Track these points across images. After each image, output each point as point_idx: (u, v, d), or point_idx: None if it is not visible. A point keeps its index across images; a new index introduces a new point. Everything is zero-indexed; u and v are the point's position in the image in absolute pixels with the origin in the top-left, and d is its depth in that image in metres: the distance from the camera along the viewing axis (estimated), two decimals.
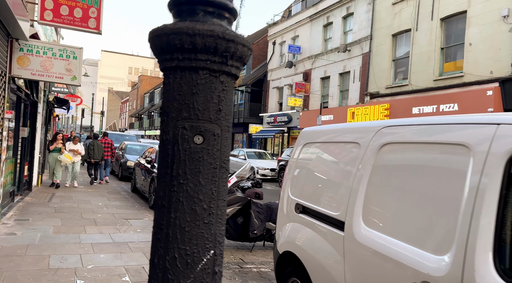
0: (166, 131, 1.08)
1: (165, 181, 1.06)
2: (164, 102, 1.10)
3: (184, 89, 1.04)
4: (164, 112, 1.10)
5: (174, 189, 1.04)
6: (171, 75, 1.06)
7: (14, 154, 7.76)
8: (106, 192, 11.01)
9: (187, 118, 1.04)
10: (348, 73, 18.70)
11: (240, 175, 5.91)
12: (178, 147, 1.04)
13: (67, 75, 6.20)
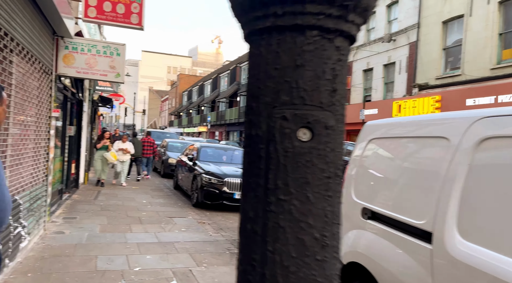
0: (255, 124, 0.75)
1: (256, 196, 0.72)
2: (251, 82, 0.77)
3: (284, 60, 0.70)
4: (252, 96, 0.76)
5: (270, 208, 0.70)
6: (263, 42, 0.73)
7: (62, 153, 7.89)
8: (149, 189, 11.08)
9: (288, 103, 0.70)
10: (393, 65, 17.72)
11: None
12: (275, 146, 0.71)
13: (111, 72, 6.13)
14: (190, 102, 55.47)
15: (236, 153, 10.73)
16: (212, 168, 8.95)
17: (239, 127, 35.80)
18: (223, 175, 8.53)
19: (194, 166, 9.51)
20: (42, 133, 5.18)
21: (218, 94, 43.08)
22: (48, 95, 5.37)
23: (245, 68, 36.68)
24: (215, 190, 8.36)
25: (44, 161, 5.41)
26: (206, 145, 11.11)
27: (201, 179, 8.55)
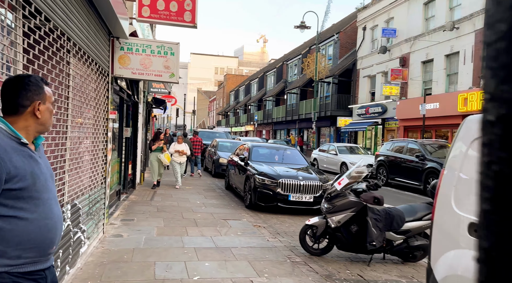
0: None
1: None
2: None
3: None
4: None
5: None
6: None
7: (119, 154, 8.00)
8: (202, 189, 11.04)
9: None
10: (456, 55, 16.31)
11: (353, 175, 5.06)
12: None
13: (166, 72, 6.01)
14: (237, 101, 55.91)
15: (288, 153, 10.34)
16: (265, 168, 8.65)
17: (286, 125, 35.33)
18: (276, 176, 8.18)
19: (246, 166, 9.27)
20: (99, 136, 5.15)
21: (265, 92, 42.90)
22: (105, 97, 5.34)
23: (292, 66, 36.11)
24: (269, 191, 8.03)
25: (102, 163, 5.39)
26: (257, 144, 10.84)
27: (254, 180, 8.27)
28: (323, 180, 8.32)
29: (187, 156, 11.35)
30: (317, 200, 8.05)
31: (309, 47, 32.24)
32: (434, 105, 16.47)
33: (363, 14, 23.76)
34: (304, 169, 9.11)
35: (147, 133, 14.83)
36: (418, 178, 11.72)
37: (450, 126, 16.40)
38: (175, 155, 10.68)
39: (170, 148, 10.76)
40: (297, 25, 22.58)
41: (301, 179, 8.09)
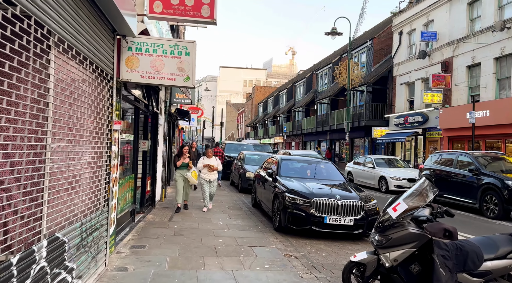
0: None
1: None
2: None
3: None
4: None
5: None
6: None
7: (134, 169, 7.23)
8: (227, 207, 10.11)
9: None
10: (508, 57, 14.67)
11: (412, 198, 3.94)
12: None
13: (180, 75, 5.18)
14: (266, 113, 55.19)
15: (321, 166, 9.24)
16: (296, 185, 7.60)
17: (316, 136, 34.05)
18: (310, 194, 7.11)
19: (274, 182, 8.26)
20: (100, 150, 4.35)
21: (294, 103, 41.87)
22: (108, 104, 4.55)
23: (322, 75, 34.97)
24: (301, 212, 6.97)
25: (104, 183, 4.57)
26: (287, 157, 9.81)
27: (284, 199, 7.24)
28: (365, 199, 7.16)
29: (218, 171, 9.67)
30: (358, 223, 6.90)
31: (340, 56, 31.04)
32: (484, 113, 14.82)
33: (399, 18, 22.40)
34: (341, 186, 7.98)
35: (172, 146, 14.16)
36: (473, 195, 10.23)
37: (503, 136, 14.66)
38: (203, 171, 9.16)
39: (198, 163, 9.29)
40: (328, 32, 21.56)
41: (339, 198, 6.98)
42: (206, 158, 9.34)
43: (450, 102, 17.76)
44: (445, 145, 17.83)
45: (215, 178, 9.34)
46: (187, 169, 8.94)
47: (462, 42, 16.96)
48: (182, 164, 8.95)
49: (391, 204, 4.07)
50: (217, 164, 9.33)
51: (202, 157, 9.56)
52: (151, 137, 9.09)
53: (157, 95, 9.18)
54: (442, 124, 17.60)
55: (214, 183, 9.34)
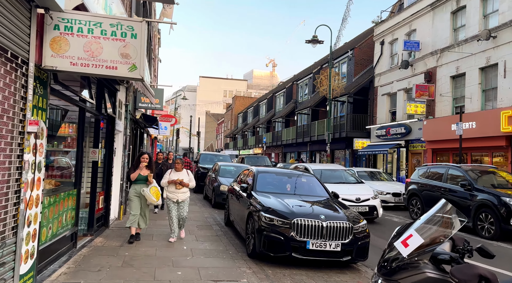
0: None
1: None
2: None
3: None
4: None
5: None
6: None
7: (77, 183, 5.94)
8: (195, 225, 8.87)
9: None
10: (494, 67, 14.21)
11: (429, 228, 2.89)
12: None
13: (124, 63, 4.03)
14: (245, 124, 54.21)
15: (303, 180, 8.16)
16: (273, 203, 6.49)
17: (296, 148, 33.20)
18: (289, 214, 6.01)
19: (249, 198, 7.12)
20: (1, 160, 3.11)
21: (274, 114, 41.08)
22: (17, 96, 3.34)
23: (302, 86, 34.37)
24: (280, 235, 5.84)
25: (12, 205, 3.32)
26: (264, 169, 8.68)
27: (259, 219, 6.11)
28: (353, 220, 6.12)
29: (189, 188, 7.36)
30: (346, 249, 5.83)
31: (321, 66, 30.51)
32: (470, 125, 14.23)
33: (380, 27, 21.99)
34: (325, 203, 6.92)
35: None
36: (466, 212, 9.37)
37: (490, 149, 14.09)
38: (170, 189, 7.12)
39: (163, 178, 7.18)
40: (309, 40, 20.83)
41: (324, 219, 5.90)
42: (174, 172, 7.28)
43: (433, 114, 17.21)
44: (428, 157, 17.20)
45: (185, 198, 7.21)
46: (145, 184, 6.86)
47: (446, 51, 16.51)
48: (138, 177, 6.87)
49: (399, 236, 3.00)
50: (188, 179, 7.27)
51: (169, 171, 7.37)
52: (106, 146, 7.81)
53: (114, 96, 7.94)
54: (426, 136, 16.99)
55: (185, 204, 7.21)
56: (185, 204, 7.26)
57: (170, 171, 7.35)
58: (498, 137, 13.18)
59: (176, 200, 7.15)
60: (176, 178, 7.15)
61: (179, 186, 7.12)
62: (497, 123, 13.02)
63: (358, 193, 10.76)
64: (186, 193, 7.25)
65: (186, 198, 7.25)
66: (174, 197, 7.15)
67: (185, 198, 7.23)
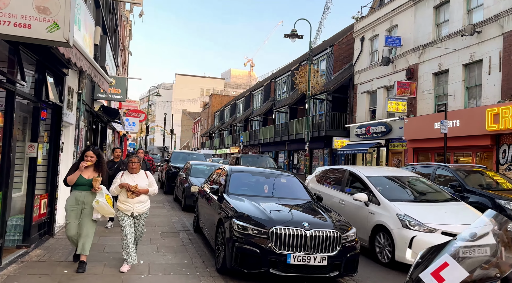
0: None
1: None
2: None
3: None
4: None
5: None
6: None
7: (2, 184, 4.73)
8: (159, 232, 7.76)
9: None
10: (478, 63, 13.76)
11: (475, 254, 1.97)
12: None
13: (41, 20, 2.92)
14: (222, 122, 53.00)
15: (282, 181, 7.21)
16: (247, 207, 5.50)
17: (274, 147, 32.38)
18: (267, 221, 5.03)
19: (220, 202, 6.09)
20: None
21: (252, 112, 40.13)
22: None
23: (280, 84, 33.57)
24: (255, 248, 4.85)
25: None
26: (239, 168, 7.65)
27: (231, 227, 5.10)
28: (341, 227, 5.20)
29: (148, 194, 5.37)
30: (334, 262, 4.91)
31: (300, 63, 29.78)
32: (453, 123, 13.73)
33: (361, 23, 21.41)
34: (308, 207, 5.98)
35: None
36: None
37: (474, 148, 13.62)
38: (122, 198, 5.17)
39: (113, 183, 5.22)
40: (287, 34, 19.98)
41: (307, 227, 4.96)
42: (128, 174, 5.29)
43: (415, 112, 16.70)
44: (409, 157, 16.68)
45: (143, 210, 5.27)
46: (89, 191, 4.95)
47: (429, 47, 16.01)
48: (78, 181, 4.96)
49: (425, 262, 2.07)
50: (147, 183, 5.30)
51: (121, 173, 5.37)
52: (51, 141, 6.59)
53: (61, 82, 6.72)
54: (407, 135, 16.46)
55: (142, 219, 5.36)
56: (142, 220, 5.38)
57: (122, 173, 5.36)
58: (483, 136, 12.71)
59: (131, 213, 5.17)
60: (130, 182, 5.16)
61: (131, 194, 5.08)
62: (482, 122, 12.54)
63: (465, 221, 5.98)
64: (145, 203, 5.29)
65: (144, 210, 5.30)
66: (127, 209, 5.13)
67: (143, 211, 5.27)
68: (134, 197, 5.15)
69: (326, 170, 9.42)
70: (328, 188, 8.65)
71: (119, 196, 5.25)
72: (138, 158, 5.44)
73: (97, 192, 4.92)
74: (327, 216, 5.47)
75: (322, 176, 9.33)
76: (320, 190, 8.60)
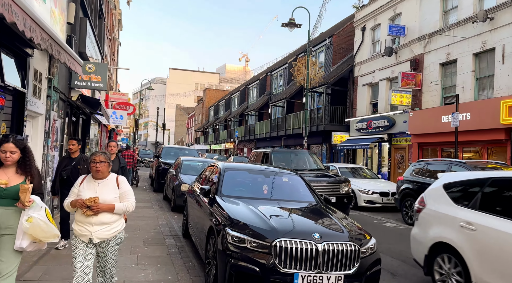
0: None
1: None
2: None
3: None
4: None
5: None
6: None
7: None
8: (143, 238, 6.79)
9: None
10: (490, 52, 12.86)
11: None
12: None
13: None
14: (217, 117, 51.94)
15: (284, 180, 6.24)
16: (244, 213, 4.54)
17: (270, 142, 31.44)
18: (269, 231, 4.07)
19: (211, 206, 5.12)
20: None
21: (247, 107, 39.11)
22: None
23: (277, 77, 32.58)
24: (254, 265, 3.88)
25: None
26: (233, 165, 6.63)
27: (224, 238, 4.14)
28: (358, 237, 4.25)
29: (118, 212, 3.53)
30: (352, 281, 3.97)
31: (296, 56, 28.78)
32: (464, 116, 12.85)
33: (362, 12, 20.42)
34: (317, 212, 5.02)
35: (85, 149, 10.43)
36: None
37: (486, 143, 12.76)
38: (78, 217, 3.42)
39: (70, 195, 3.51)
40: (285, 23, 18.95)
41: (319, 239, 4.00)
42: (91, 179, 3.52)
43: (420, 105, 15.80)
44: (414, 152, 15.80)
45: (108, 236, 3.44)
46: (13, 206, 3.11)
47: (435, 36, 15.09)
48: None
49: None
50: (115, 196, 3.49)
51: (81, 177, 3.57)
52: (11, 132, 5.56)
53: (23, 63, 5.68)
54: (411, 129, 15.58)
55: (111, 249, 3.51)
56: (111, 249, 3.51)
57: (82, 177, 3.55)
58: (496, 130, 11.84)
59: (89, 240, 3.37)
60: (91, 191, 3.41)
61: (88, 211, 3.30)
62: (496, 115, 11.67)
63: None
64: (112, 226, 3.44)
65: (110, 235, 3.43)
66: (83, 233, 3.36)
67: (107, 236, 3.42)
68: (90, 214, 3.29)
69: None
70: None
71: (76, 215, 3.43)
72: (106, 155, 3.51)
73: (26, 208, 3.04)
74: (341, 223, 4.52)
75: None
76: None
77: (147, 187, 16.11)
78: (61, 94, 7.85)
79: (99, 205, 3.34)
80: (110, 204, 3.41)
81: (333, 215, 4.83)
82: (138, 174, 16.67)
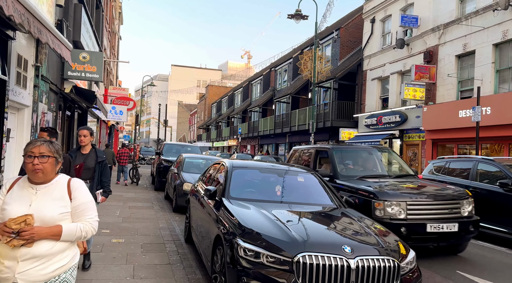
0: None
1: None
2: None
3: None
4: None
5: None
6: None
7: None
8: (141, 243, 6.11)
9: None
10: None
11: None
12: None
13: None
14: (220, 114, 51.23)
15: (299, 180, 5.53)
16: (258, 220, 3.84)
17: (274, 139, 30.73)
18: (289, 243, 3.37)
19: (218, 210, 4.42)
20: None
21: (250, 103, 38.38)
22: None
23: (281, 72, 31.80)
24: None
25: None
26: (242, 163, 5.87)
27: (234, 250, 3.44)
28: (394, 249, 3.54)
29: None
30: None
31: (302, 50, 28.00)
32: (484, 111, 12.08)
33: (371, 3, 19.61)
34: (342, 218, 4.31)
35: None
36: (507, 221, 7.07)
37: (508, 139, 12.01)
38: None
39: None
40: (291, 14, 18.17)
41: (350, 253, 3.29)
42: (24, 184, 2.09)
43: (434, 99, 15.04)
44: (428, 149, 15.06)
45: (46, 277, 2.01)
46: None
47: (451, 26, 14.30)
48: None
49: None
50: (63, 212, 2.06)
51: (10, 182, 2.12)
52: None
53: (3, 47, 4.98)
54: (425, 125, 14.82)
55: None
56: None
57: (13, 180, 2.16)
58: None
59: (11, 276, 1.95)
60: (22, 206, 2.02)
61: (15, 240, 1.91)
62: None
63: None
64: (54, 258, 2.04)
65: (48, 276, 2.02)
66: (3, 277, 1.97)
67: (41, 279, 2.00)
68: (20, 245, 1.94)
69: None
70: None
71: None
72: (51, 145, 2.13)
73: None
74: (373, 232, 3.81)
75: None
76: None
77: (148, 185, 15.46)
78: (51, 85, 7.16)
79: (34, 228, 1.94)
80: (53, 226, 2.02)
81: (362, 222, 4.12)
82: (139, 171, 16.04)
